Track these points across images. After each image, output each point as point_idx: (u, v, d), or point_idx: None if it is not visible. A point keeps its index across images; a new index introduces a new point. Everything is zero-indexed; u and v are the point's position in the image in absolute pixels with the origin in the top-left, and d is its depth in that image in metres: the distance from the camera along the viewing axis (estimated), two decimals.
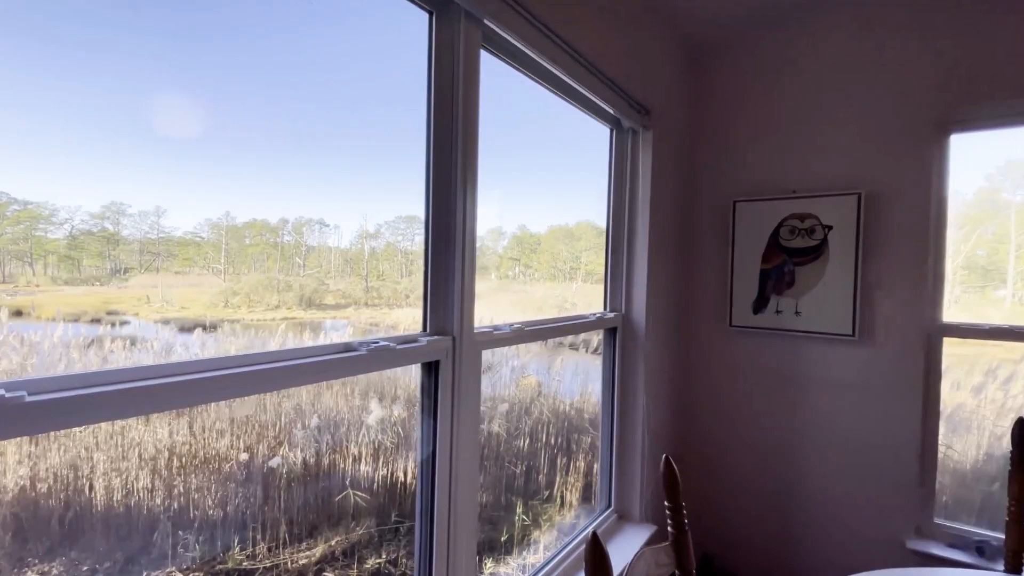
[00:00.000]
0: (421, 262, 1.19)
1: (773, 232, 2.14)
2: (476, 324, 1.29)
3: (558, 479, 2.09)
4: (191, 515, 1.17)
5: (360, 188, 1.33)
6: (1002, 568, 1.40)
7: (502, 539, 1.82)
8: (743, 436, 2.26)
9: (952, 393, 2.00)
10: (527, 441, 2.03)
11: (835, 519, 2.05)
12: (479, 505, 1.77)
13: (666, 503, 1.10)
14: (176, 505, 1.16)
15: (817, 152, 2.08)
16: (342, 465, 1.50)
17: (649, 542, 1.95)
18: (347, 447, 1.54)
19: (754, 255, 2.18)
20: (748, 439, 2.25)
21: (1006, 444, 1.86)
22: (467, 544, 1.22)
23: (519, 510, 1.94)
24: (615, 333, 2.03)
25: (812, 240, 2.05)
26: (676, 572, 1.09)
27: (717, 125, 2.33)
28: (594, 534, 0.78)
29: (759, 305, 2.17)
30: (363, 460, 1.54)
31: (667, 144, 2.17)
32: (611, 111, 1.83)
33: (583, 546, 0.80)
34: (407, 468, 1.58)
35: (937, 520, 1.94)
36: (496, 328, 1.37)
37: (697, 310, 2.38)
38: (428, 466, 1.18)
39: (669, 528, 1.10)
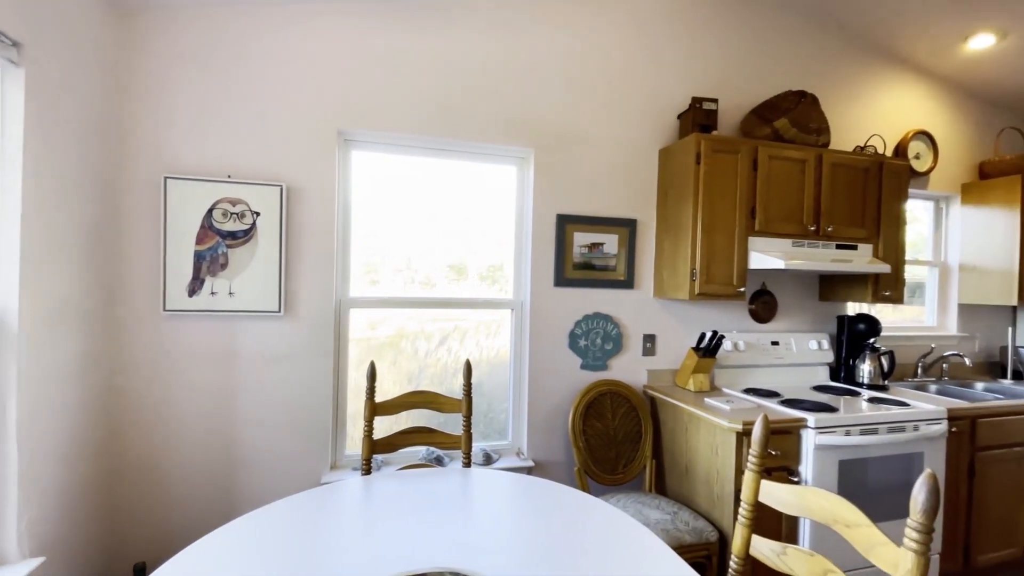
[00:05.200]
0: None
1: (207, 213, 2.13)
2: None
3: None
4: None
5: None
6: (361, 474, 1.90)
7: None
8: (183, 425, 2.18)
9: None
10: None
11: (273, 475, 2.28)
12: None
13: None
14: None
15: (250, 142, 2.22)
16: None
17: None
18: None
19: (188, 236, 2.12)
20: (188, 426, 2.19)
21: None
22: None
23: None
24: None
25: (243, 224, 2.17)
26: None
27: (150, 94, 2.11)
28: None
29: (194, 287, 2.13)
30: None
31: (71, 96, 1.80)
32: None
33: None
34: None
35: (348, 452, 2.47)
36: None
37: (127, 296, 2.11)
38: None
39: None
